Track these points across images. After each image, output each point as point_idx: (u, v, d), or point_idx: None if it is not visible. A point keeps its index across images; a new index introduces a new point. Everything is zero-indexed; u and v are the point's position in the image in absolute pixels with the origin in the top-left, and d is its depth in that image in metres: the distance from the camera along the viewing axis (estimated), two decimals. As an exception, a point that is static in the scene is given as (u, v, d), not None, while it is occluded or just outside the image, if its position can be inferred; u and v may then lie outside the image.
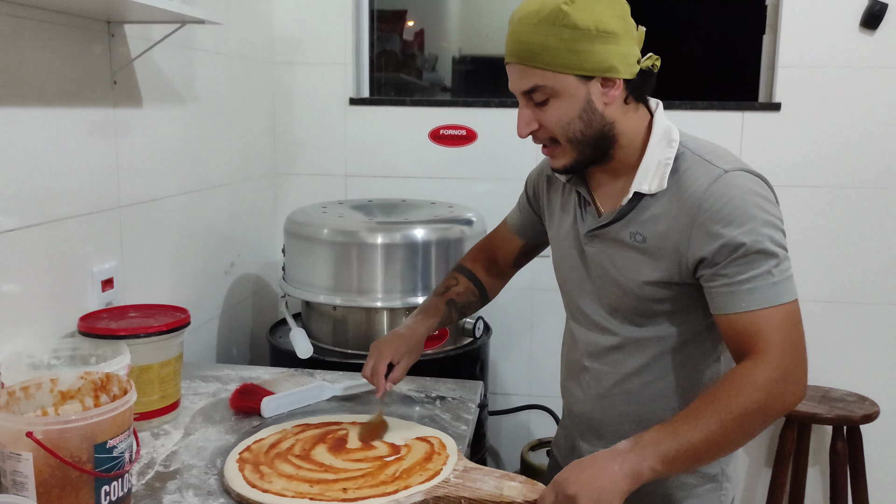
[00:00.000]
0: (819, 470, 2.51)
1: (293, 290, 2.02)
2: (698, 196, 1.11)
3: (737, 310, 1.09)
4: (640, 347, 1.23)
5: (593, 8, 1.09)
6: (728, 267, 1.09)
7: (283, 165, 2.56)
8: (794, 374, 1.07)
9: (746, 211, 1.09)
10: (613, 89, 1.13)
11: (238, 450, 1.24)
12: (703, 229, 1.10)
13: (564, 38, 1.09)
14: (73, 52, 1.44)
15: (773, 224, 1.10)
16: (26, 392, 1.10)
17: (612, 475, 1.01)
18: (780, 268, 1.09)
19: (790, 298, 1.09)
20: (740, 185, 1.11)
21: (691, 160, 1.15)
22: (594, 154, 1.18)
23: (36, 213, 1.35)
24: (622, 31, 1.11)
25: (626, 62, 1.13)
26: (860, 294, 2.40)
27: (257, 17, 2.38)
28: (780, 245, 1.10)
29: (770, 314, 1.08)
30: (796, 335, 1.09)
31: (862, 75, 2.30)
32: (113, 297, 1.56)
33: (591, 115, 1.14)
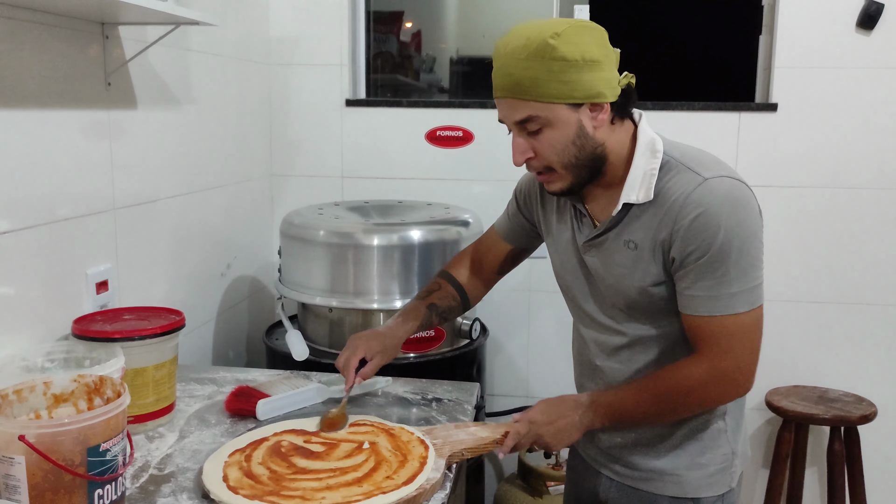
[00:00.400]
0: (817, 471, 2.51)
1: (289, 291, 2.02)
2: (679, 203, 1.16)
3: (695, 313, 1.18)
4: (650, 343, 1.28)
5: (578, 39, 1.14)
6: (693, 271, 1.16)
7: (279, 167, 2.56)
8: (731, 377, 1.19)
9: (720, 220, 1.13)
10: (602, 113, 1.18)
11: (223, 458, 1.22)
12: (681, 233, 1.16)
13: (554, 71, 1.13)
14: (67, 54, 1.44)
15: (746, 234, 1.14)
16: (19, 395, 1.09)
17: (573, 422, 1.24)
18: (745, 278, 1.15)
19: (748, 307, 1.16)
20: (718, 192, 1.15)
21: (676, 169, 1.20)
22: (589, 175, 1.23)
23: (30, 215, 1.34)
24: (604, 58, 1.17)
25: (610, 86, 1.18)
26: (857, 294, 2.40)
27: (253, 18, 2.38)
28: (750, 253, 1.15)
29: (720, 322, 1.16)
30: (747, 343, 1.18)
31: (858, 76, 2.30)
32: (107, 300, 1.55)
33: (583, 140, 1.18)
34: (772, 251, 2.40)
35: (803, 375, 2.46)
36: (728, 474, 1.33)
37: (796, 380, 2.46)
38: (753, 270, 1.16)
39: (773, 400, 2.33)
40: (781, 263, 2.41)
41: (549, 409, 1.26)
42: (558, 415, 1.25)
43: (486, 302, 1.69)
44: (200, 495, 1.13)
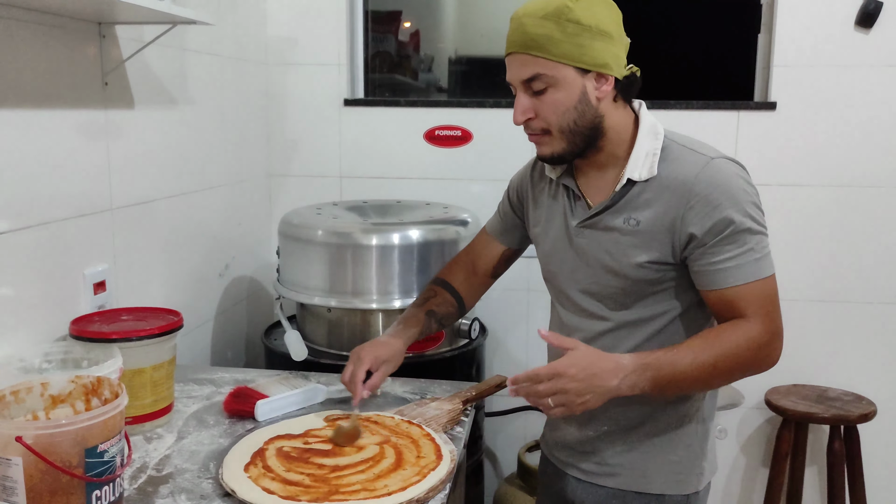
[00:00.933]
0: (817, 470, 2.50)
1: (288, 292, 2.01)
2: (690, 181, 1.21)
3: (725, 285, 1.21)
4: (633, 329, 1.29)
5: (595, 8, 1.19)
6: (716, 246, 1.20)
7: (277, 167, 2.55)
8: (776, 340, 1.23)
9: (733, 194, 1.19)
10: (606, 84, 1.22)
11: None
12: (696, 210, 1.20)
13: (568, 32, 1.18)
14: (63, 54, 1.43)
15: (756, 205, 1.22)
16: (17, 396, 1.08)
17: (607, 388, 1.15)
18: (761, 245, 1.21)
19: (770, 272, 1.23)
20: (725, 170, 1.22)
21: (678, 150, 1.25)
22: (584, 144, 1.26)
23: (27, 215, 1.34)
24: (616, 35, 1.22)
25: (618, 63, 1.22)
26: (856, 293, 2.40)
27: (251, 17, 2.37)
28: (762, 224, 1.22)
29: (755, 287, 1.21)
30: (776, 306, 1.24)
31: (857, 74, 2.30)
32: (105, 300, 1.55)
33: (585, 107, 1.22)
34: (771, 250, 2.41)
35: (803, 374, 2.46)
36: (696, 476, 1.34)
37: (796, 379, 2.46)
38: (765, 239, 1.22)
39: (772, 399, 2.33)
40: (780, 262, 2.38)
41: (585, 365, 1.14)
42: (593, 375, 1.13)
43: (484, 301, 1.69)
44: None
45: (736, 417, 2.52)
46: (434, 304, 1.52)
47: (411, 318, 1.50)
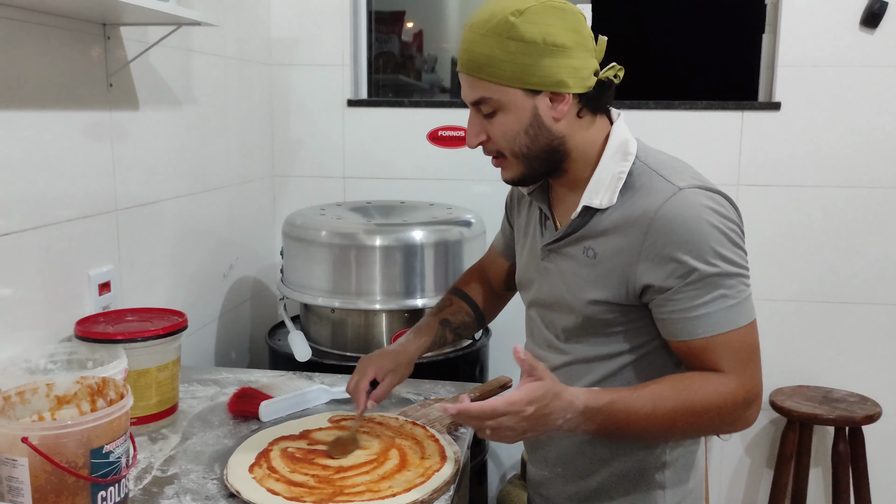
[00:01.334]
0: (821, 471, 2.50)
1: (291, 292, 2.01)
2: (650, 215, 1.07)
3: (694, 336, 1.07)
4: (591, 366, 1.18)
5: (542, 20, 1.06)
6: (680, 293, 1.06)
7: (281, 167, 2.56)
8: (753, 400, 1.08)
9: (699, 232, 1.04)
10: (562, 104, 1.10)
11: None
12: (653, 252, 1.06)
13: (511, 51, 1.06)
14: (68, 55, 1.43)
15: (731, 242, 1.06)
16: (22, 397, 1.09)
17: (550, 426, 1.05)
18: (737, 289, 1.06)
19: (747, 320, 1.07)
20: (693, 203, 1.06)
21: (646, 176, 1.11)
22: (544, 168, 1.16)
23: (32, 216, 1.34)
24: (574, 44, 1.08)
25: (578, 76, 1.09)
26: (861, 294, 2.40)
27: (254, 18, 2.37)
28: (738, 264, 1.06)
29: (729, 338, 1.06)
30: (754, 360, 1.09)
31: (862, 74, 2.30)
32: (110, 301, 1.55)
33: (537, 131, 1.11)
34: (776, 251, 2.41)
35: (807, 375, 2.45)
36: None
37: (800, 380, 2.45)
38: (743, 280, 1.07)
39: (777, 400, 2.33)
40: (785, 263, 2.40)
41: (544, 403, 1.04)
42: (545, 416, 1.04)
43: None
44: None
45: (740, 418, 2.51)
46: (449, 313, 1.47)
47: (424, 327, 1.44)
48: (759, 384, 1.09)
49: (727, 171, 2.38)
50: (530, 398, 1.02)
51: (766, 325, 2.43)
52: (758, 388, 1.09)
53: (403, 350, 1.38)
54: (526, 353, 1.07)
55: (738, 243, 1.07)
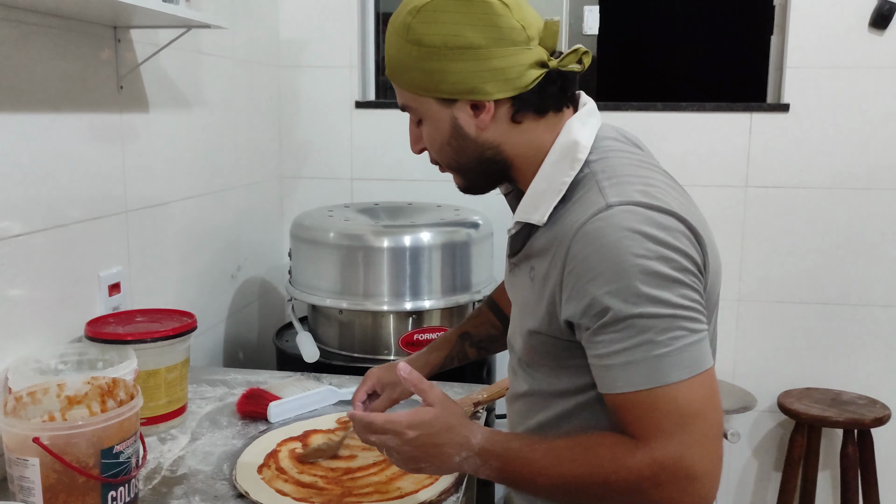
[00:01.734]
0: (830, 474, 2.49)
1: (299, 293, 2.02)
2: (570, 237, 0.89)
3: (611, 390, 0.87)
4: (548, 401, 1.01)
5: (442, 18, 0.91)
6: (598, 335, 0.86)
7: (289, 169, 2.56)
8: (682, 476, 0.84)
9: (616, 263, 0.84)
10: (484, 112, 0.94)
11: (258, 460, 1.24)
12: (570, 282, 0.88)
13: (413, 56, 0.93)
14: (79, 58, 1.44)
15: (662, 277, 0.84)
16: (33, 397, 1.10)
17: (445, 462, 0.95)
18: (667, 336, 0.83)
19: (684, 375, 0.83)
20: (618, 225, 0.85)
21: (588, 186, 0.92)
22: (485, 179, 1.04)
23: (43, 217, 1.35)
24: (489, 42, 0.91)
25: (501, 78, 0.92)
26: (871, 296, 2.39)
27: (263, 20, 2.38)
28: (671, 305, 0.84)
29: (653, 397, 0.84)
30: (698, 425, 0.83)
31: (871, 76, 2.29)
32: (120, 302, 1.56)
33: (461, 142, 0.97)
34: (785, 252, 2.41)
35: (816, 378, 2.45)
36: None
37: (809, 382, 2.45)
38: (682, 324, 0.84)
39: (785, 402, 2.32)
40: (794, 265, 2.40)
41: (429, 432, 0.94)
42: (433, 445, 0.94)
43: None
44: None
45: (748, 421, 2.50)
46: (472, 326, 1.37)
47: (441, 340, 1.36)
48: (700, 461, 0.83)
49: (736, 173, 2.37)
50: (412, 422, 0.94)
51: (775, 328, 2.44)
52: (688, 463, 0.83)
53: (410, 364, 1.30)
54: (411, 373, 0.97)
55: (676, 279, 0.85)
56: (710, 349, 0.87)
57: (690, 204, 0.95)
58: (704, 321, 0.87)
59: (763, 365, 2.46)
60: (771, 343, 2.45)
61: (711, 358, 0.87)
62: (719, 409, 0.86)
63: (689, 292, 0.85)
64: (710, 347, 0.87)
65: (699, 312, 0.86)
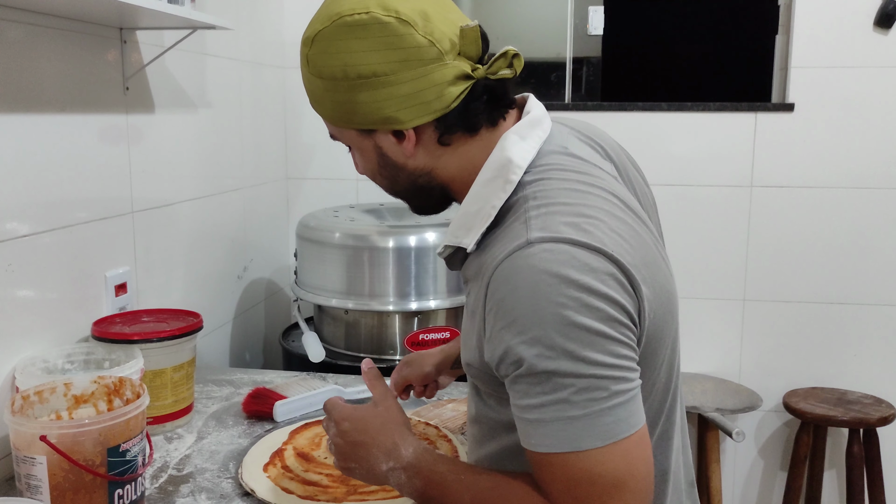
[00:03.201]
0: (835, 473, 2.48)
1: (305, 294, 2.03)
2: (490, 272, 0.79)
3: (526, 445, 0.78)
4: (495, 431, 0.92)
5: (337, 47, 0.83)
6: (515, 383, 0.78)
7: (294, 169, 2.57)
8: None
9: (534, 310, 0.74)
10: (405, 141, 0.87)
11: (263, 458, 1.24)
12: (490, 323, 0.79)
13: (321, 88, 0.86)
14: (85, 59, 1.45)
15: (579, 329, 0.74)
16: (40, 396, 1.10)
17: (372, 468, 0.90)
18: (584, 397, 0.74)
19: (602, 441, 0.74)
20: (537, 266, 0.75)
21: (517, 213, 0.82)
22: (430, 202, 0.96)
23: (49, 218, 1.36)
24: (395, 67, 0.82)
25: (416, 103, 0.83)
26: (875, 295, 2.38)
27: (268, 21, 2.39)
28: (594, 363, 0.74)
29: (563, 461, 0.75)
30: (610, 497, 0.75)
31: (876, 75, 2.28)
32: (126, 302, 1.57)
33: (392, 171, 0.91)
34: (790, 252, 2.40)
35: (821, 377, 2.44)
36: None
37: (814, 381, 2.44)
38: (605, 384, 0.74)
39: (790, 402, 2.32)
40: (799, 264, 2.39)
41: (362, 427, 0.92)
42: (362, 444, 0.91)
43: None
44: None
45: (754, 420, 2.50)
46: None
47: None
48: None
49: (741, 173, 2.37)
50: (348, 415, 0.92)
51: (781, 328, 2.43)
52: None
53: (427, 351, 1.28)
54: (370, 369, 0.93)
55: (600, 332, 0.74)
56: (639, 409, 0.77)
57: (634, 237, 0.82)
58: (634, 377, 0.77)
59: (768, 364, 2.46)
60: (776, 342, 2.45)
61: (641, 418, 0.77)
62: (645, 478, 0.76)
63: (616, 347, 0.75)
64: (639, 406, 0.77)
65: (627, 370, 0.76)
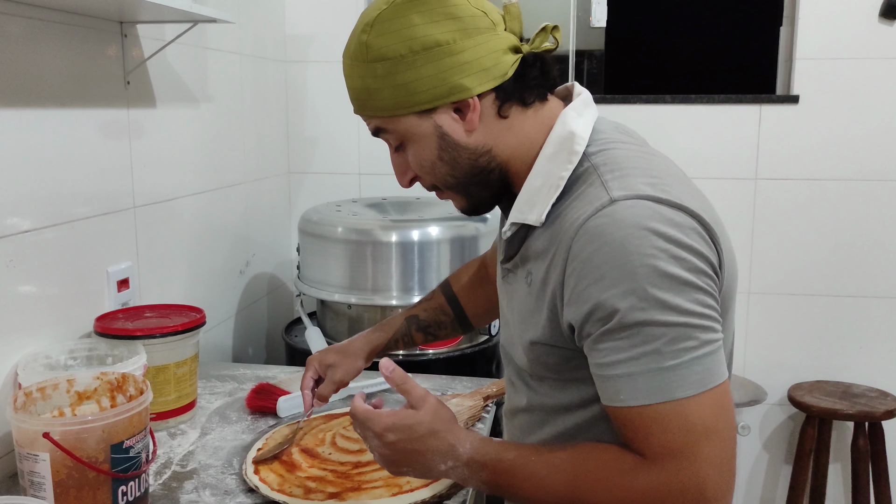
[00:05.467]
0: (840, 467, 2.48)
1: (308, 288, 2.02)
2: (570, 236, 0.81)
3: (613, 403, 0.80)
4: (553, 416, 0.94)
5: (398, 25, 0.85)
6: (600, 342, 0.80)
7: (296, 164, 2.56)
8: (688, 498, 0.77)
9: (624, 263, 0.76)
10: (470, 111, 0.88)
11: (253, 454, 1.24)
12: (571, 284, 0.81)
13: (379, 76, 0.87)
14: (86, 53, 1.44)
15: (673, 279, 0.76)
16: (43, 393, 1.10)
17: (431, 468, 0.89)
18: (677, 347, 0.76)
19: (693, 391, 0.76)
20: (628, 220, 0.78)
21: (589, 180, 0.85)
22: (489, 191, 0.95)
23: (51, 213, 1.35)
24: (455, 34, 0.85)
25: (479, 68, 0.86)
26: (881, 288, 2.37)
27: (270, 15, 2.38)
28: (685, 313, 0.76)
29: (660, 412, 0.77)
30: (709, 444, 0.76)
31: (881, 67, 2.27)
32: (129, 298, 1.56)
33: (452, 153, 0.90)
34: (795, 244, 2.39)
35: (827, 370, 2.43)
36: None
37: (819, 375, 2.43)
38: (695, 334, 0.77)
39: (795, 395, 2.31)
40: (804, 257, 2.38)
41: (411, 437, 0.89)
42: (415, 451, 0.89)
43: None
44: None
45: (759, 414, 2.49)
46: (421, 310, 1.33)
47: (386, 323, 1.32)
48: (712, 482, 0.77)
49: (745, 165, 2.36)
50: (392, 425, 0.88)
51: (786, 321, 2.42)
52: (706, 486, 0.77)
53: (349, 345, 1.29)
54: (394, 371, 0.90)
55: (687, 282, 0.77)
56: (724, 360, 0.80)
57: (703, 199, 0.86)
58: (719, 329, 0.79)
59: (773, 357, 2.45)
60: (781, 336, 2.44)
61: (725, 370, 0.79)
62: (733, 427, 0.80)
63: (704, 297, 0.78)
64: (724, 357, 0.80)
65: (713, 320, 0.78)
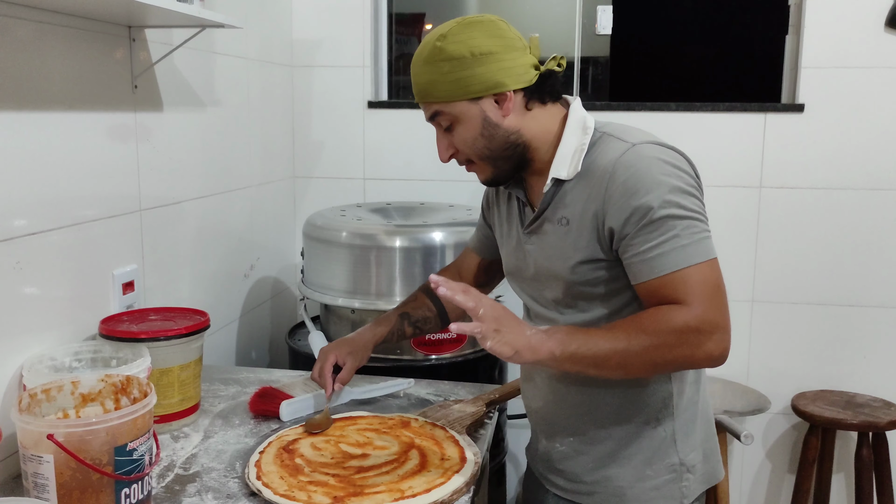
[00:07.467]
0: (844, 476, 2.47)
1: (312, 293, 2.02)
2: (608, 169, 1.17)
3: (650, 276, 1.13)
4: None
5: (465, 36, 1.19)
6: (637, 236, 1.14)
7: (301, 169, 2.57)
8: (714, 325, 1.11)
9: (653, 179, 1.13)
10: (507, 101, 1.21)
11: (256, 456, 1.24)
12: (612, 202, 1.16)
13: (445, 72, 1.19)
14: (94, 57, 1.45)
15: (681, 190, 1.14)
16: (47, 394, 1.10)
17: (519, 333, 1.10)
18: (690, 230, 1.13)
19: (704, 258, 1.13)
20: (647, 155, 1.16)
21: (603, 141, 1.21)
22: (511, 164, 1.26)
23: (57, 216, 1.36)
24: (500, 48, 1.20)
25: (515, 73, 1.20)
26: (885, 298, 2.37)
27: (276, 20, 2.39)
28: (691, 209, 1.14)
29: (685, 275, 1.12)
30: (715, 291, 1.13)
31: (887, 76, 2.27)
32: (134, 300, 1.57)
33: (492, 130, 1.22)
34: (799, 253, 2.39)
35: (830, 380, 2.43)
36: (677, 488, 1.26)
37: (823, 384, 2.43)
38: (697, 223, 1.14)
39: (799, 405, 2.30)
40: (809, 266, 2.38)
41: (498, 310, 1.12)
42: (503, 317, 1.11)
43: (507, 303, 1.68)
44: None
45: (762, 423, 2.49)
46: (410, 308, 1.56)
47: (383, 318, 1.55)
48: (721, 320, 1.12)
49: (750, 173, 2.36)
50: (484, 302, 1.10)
51: (789, 330, 2.42)
52: (718, 321, 1.11)
53: (359, 337, 1.53)
54: (446, 283, 1.09)
55: (689, 192, 1.15)
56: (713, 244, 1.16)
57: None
58: (708, 224, 1.16)
59: (777, 367, 2.45)
60: (785, 345, 2.43)
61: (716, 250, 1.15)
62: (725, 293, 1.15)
63: (699, 203, 1.16)
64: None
65: (706, 218, 1.16)
